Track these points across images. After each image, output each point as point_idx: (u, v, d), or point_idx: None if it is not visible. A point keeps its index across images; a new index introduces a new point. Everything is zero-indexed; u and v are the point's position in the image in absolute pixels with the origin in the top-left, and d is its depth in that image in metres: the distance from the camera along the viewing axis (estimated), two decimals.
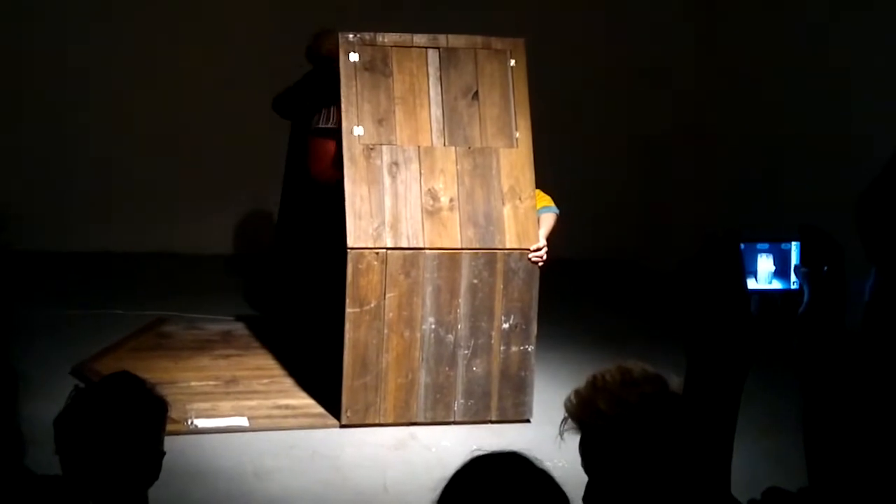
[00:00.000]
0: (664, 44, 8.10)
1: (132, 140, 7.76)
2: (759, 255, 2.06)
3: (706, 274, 1.96)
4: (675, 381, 1.99)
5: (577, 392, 2.00)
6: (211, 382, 5.54)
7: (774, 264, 2.06)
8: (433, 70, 5.24)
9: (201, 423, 5.03)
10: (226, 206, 7.96)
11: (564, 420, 2.01)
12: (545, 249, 5.18)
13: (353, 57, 5.16)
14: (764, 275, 2.06)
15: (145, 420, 2.38)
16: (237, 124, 7.74)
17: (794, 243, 2.07)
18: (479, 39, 5.34)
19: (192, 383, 5.50)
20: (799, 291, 2.04)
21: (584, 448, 2.00)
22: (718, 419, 1.98)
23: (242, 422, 5.11)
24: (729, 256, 1.98)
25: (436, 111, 5.20)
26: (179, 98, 7.77)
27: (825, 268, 2.01)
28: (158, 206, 7.86)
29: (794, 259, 2.06)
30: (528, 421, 5.25)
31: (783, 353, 2.19)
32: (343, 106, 5.12)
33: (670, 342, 2.98)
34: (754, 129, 7.71)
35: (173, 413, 4.20)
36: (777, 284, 2.06)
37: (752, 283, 2.05)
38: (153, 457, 2.38)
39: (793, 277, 2.06)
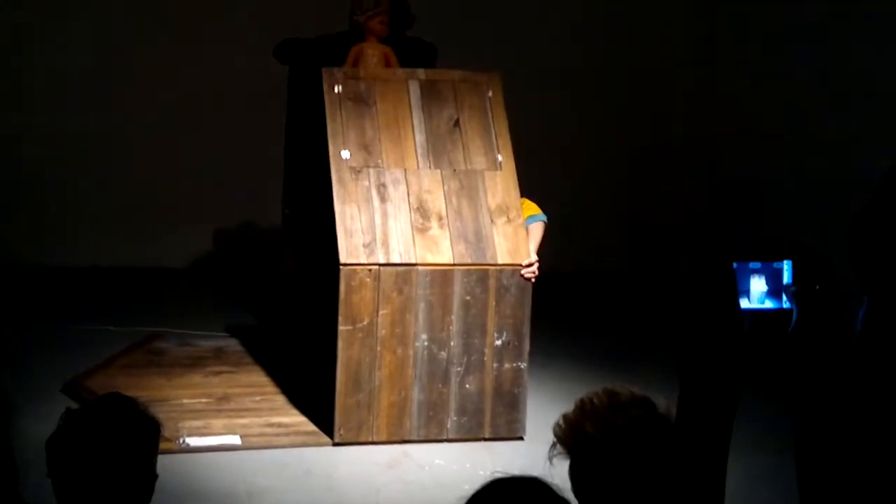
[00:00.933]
0: (662, 49, 8.10)
1: (120, 152, 7.71)
2: (751, 276, 2.06)
3: (699, 294, 1.96)
4: (663, 403, 1.98)
5: (564, 416, 2.00)
6: (203, 400, 5.52)
7: (767, 284, 2.07)
8: (415, 100, 5.36)
9: (193, 441, 5.01)
10: (218, 219, 7.94)
11: (553, 445, 2.00)
12: (537, 265, 5.19)
13: (337, 89, 5.27)
14: (756, 295, 2.07)
15: (138, 442, 2.37)
16: (230, 136, 7.72)
17: (785, 262, 2.07)
18: (456, 74, 5.47)
19: (184, 401, 5.47)
20: (790, 310, 2.04)
21: (573, 473, 1.99)
22: (712, 440, 1.97)
23: (235, 440, 5.09)
24: (722, 276, 1.98)
25: (420, 137, 5.30)
26: (171, 111, 7.75)
27: (817, 286, 2.01)
28: (149, 220, 7.81)
29: (786, 278, 2.07)
30: (521, 438, 5.24)
31: (775, 371, 2.19)
32: (329, 133, 5.20)
33: (663, 357, 2.97)
34: (751, 139, 7.70)
35: (165, 432, 4.18)
36: (769, 304, 2.07)
37: (744, 303, 2.05)
38: (146, 479, 2.38)
39: (784, 296, 2.07)
